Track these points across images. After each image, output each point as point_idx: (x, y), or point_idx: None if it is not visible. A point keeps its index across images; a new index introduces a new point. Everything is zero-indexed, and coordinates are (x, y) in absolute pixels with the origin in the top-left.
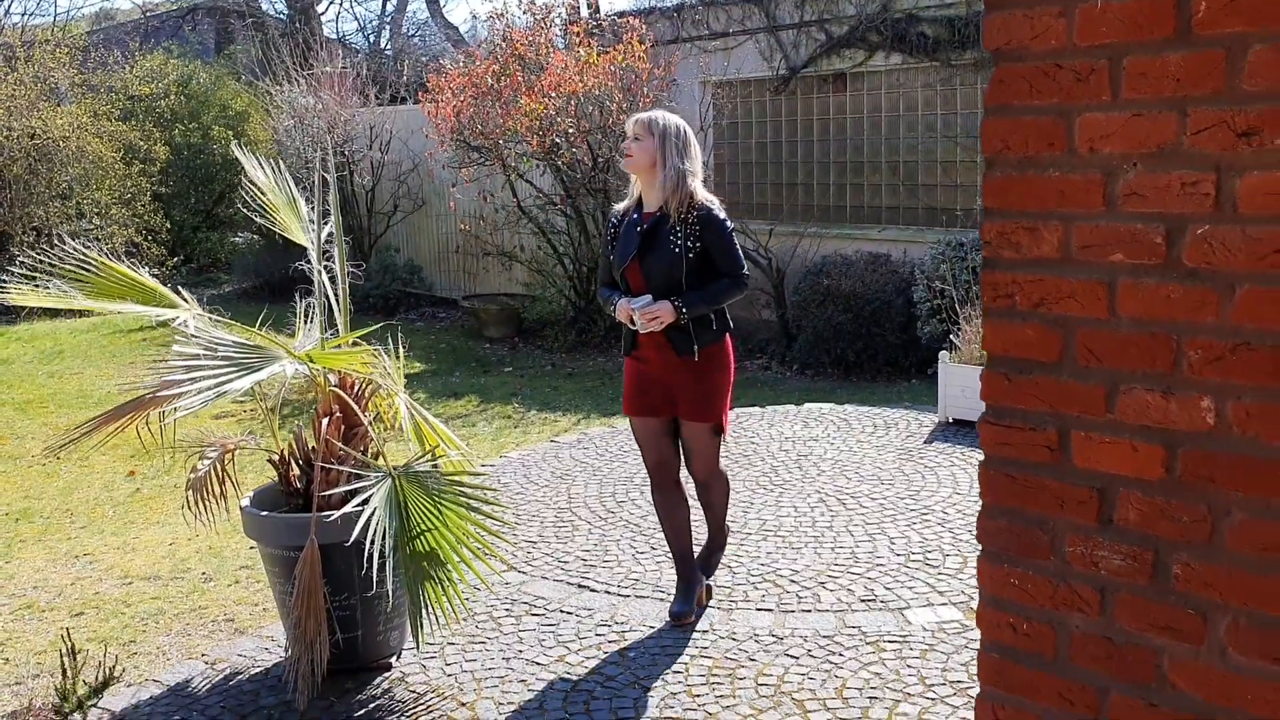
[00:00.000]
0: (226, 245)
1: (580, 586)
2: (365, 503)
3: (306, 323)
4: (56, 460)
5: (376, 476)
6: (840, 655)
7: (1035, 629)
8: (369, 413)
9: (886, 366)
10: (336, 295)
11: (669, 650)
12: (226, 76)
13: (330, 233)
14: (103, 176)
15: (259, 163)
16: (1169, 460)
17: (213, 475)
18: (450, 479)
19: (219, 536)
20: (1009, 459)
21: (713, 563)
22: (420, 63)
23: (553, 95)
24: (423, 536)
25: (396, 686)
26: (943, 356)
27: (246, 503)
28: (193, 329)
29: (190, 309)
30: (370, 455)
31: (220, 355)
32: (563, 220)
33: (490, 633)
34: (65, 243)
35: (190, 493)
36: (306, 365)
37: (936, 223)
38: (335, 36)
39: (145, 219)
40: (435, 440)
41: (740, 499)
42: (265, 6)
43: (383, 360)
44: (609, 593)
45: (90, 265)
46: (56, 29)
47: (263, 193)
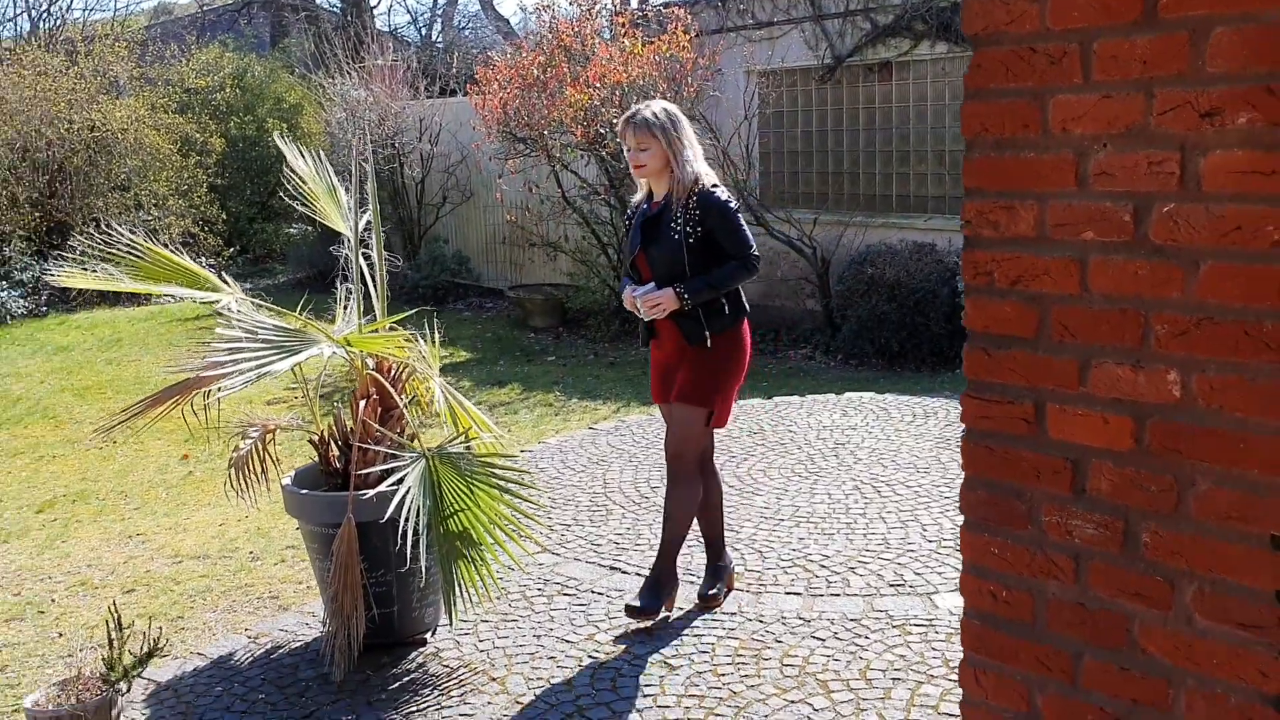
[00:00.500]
0: (281, 236)
1: (612, 569)
2: (400, 482)
3: (345, 308)
4: (113, 444)
5: (411, 457)
6: (866, 638)
7: (1014, 596)
8: (405, 396)
9: (931, 356)
10: (374, 282)
11: (697, 631)
12: (280, 70)
13: (369, 221)
14: (160, 168)
15: (300, 152)
16: (1138, 432)
17: (254, 454)
18: (482, 461)
19: (267, 518)
20: (988, 431)
21: (661, 595)
22: (470, 55)
23: (597, 86)
24: (456, 516)
25: (430, 661)
26: None
27: (288, 481)
28: (234, 312)
29: (233, 293)
30: (406, 437)
31: (261, 338)
32: (607, 210)
33: (522, 611)
34: (114, 229)
35: (232, 470)
36: (344, 349)
37: None
38: (387, 29)
39: (202, 210)
40: (468, 423)
41: (774, 486)
42: (319, 0)
43: (419, 345)
44: (640, 575)
45: (137, 250)
46: (116, 24)
47: (304, 181)
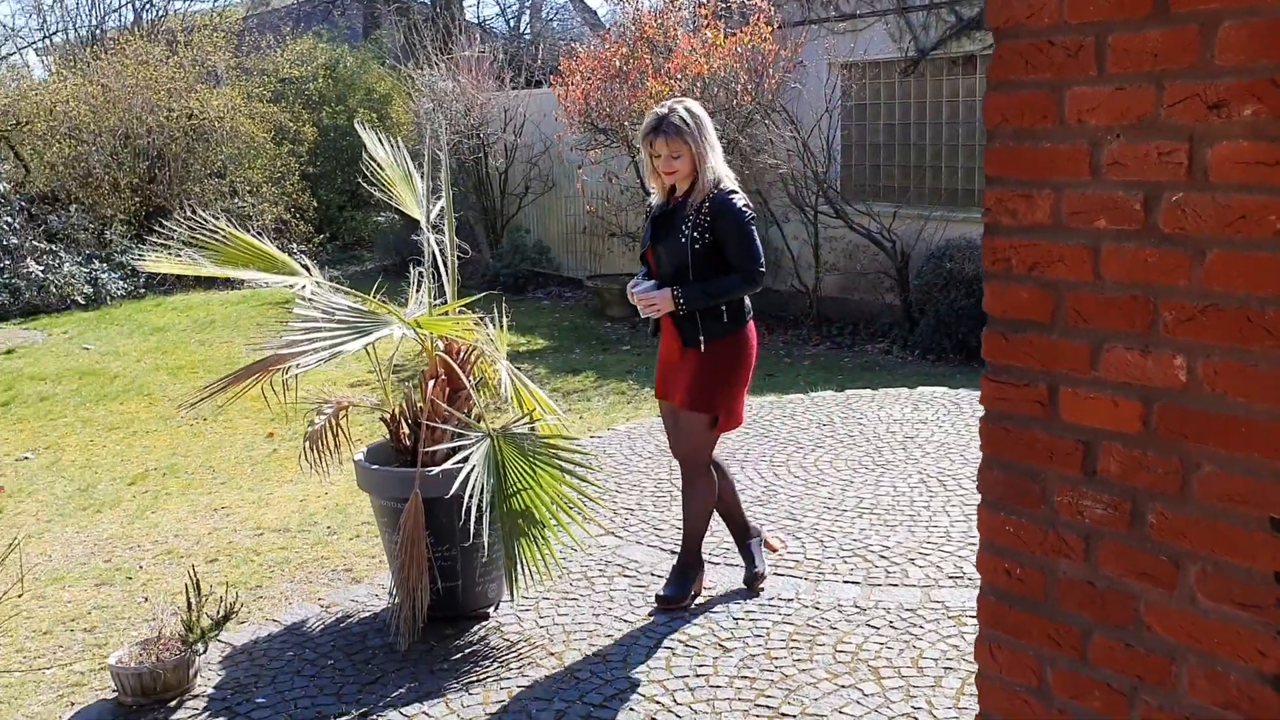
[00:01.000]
0: (369, 224)
1: (673, 553)
2: (465, 460)
3: (417, 291)
4: (203, 421)
5: (476, 436)
6: (921, 628)
7: (1028, 574)
8: (473, 377)
9: None
10: (446, 267)
11: (752, 616)
12: (372, 61)
13: (442, 208)
14: (254, 156)
15: (379, 140)
16: (1146, 415)
17: (327, 430)
18: (545, 442)
19: (345, 494)
20: (1005, 413)
21: (689, 582)
22: (557, 47)
23: (678, 77)
24: (519, 495)
25: (492, 635)
26: None
27: (360, 457)
28: (310, 295)
29: (311, 276)
30: (473, 417)
31: (336, 319)
32: None
33: (583, 591)
34: (199, 214)
35: (307, 444)
36: (414, 331)
37: None
38: (476, 21)
39: (293, 197)
40: (532, 405)
41: (840, 478)
42: None
43: (488, 329)
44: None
45: (220, 235)
46: (215, 15)
47: (382, 168)
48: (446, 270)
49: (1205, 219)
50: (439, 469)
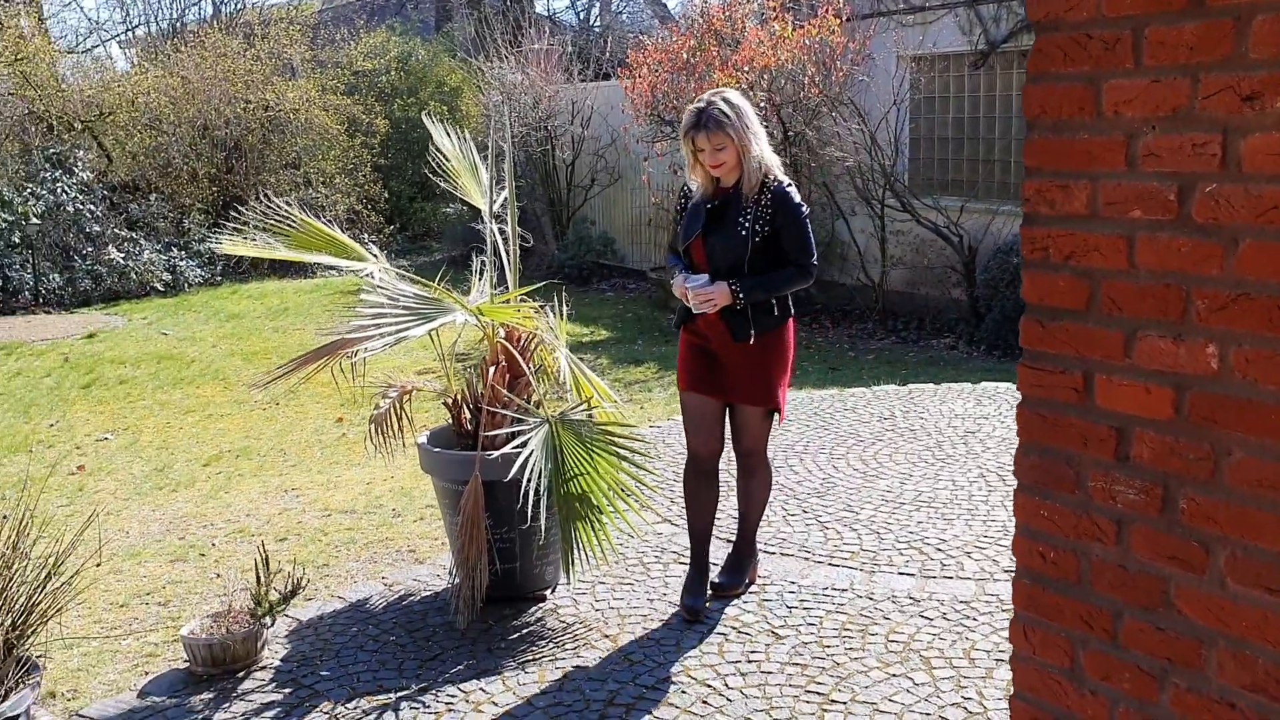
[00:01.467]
0: (439, 215)
1: (728, 542)
2: (524, 444)
3: (480, 279)
4: (275, 405)
5: (535, 422)
6: (974, 620)
7: (1061, 557)
8: (533, 364)
9: None
10: (508, 256)
11: (806, 604)
12: (443, 54)
13: (505, 198)
14: (328, 147)
15: (446, 131)
16: (1178, 402)
17: (392, 413)
18: (602, 429)
19: (410, 478)
20: (1042, 399)
21: (745, 570)
22: (625, 39)
23: (745, 70)
24: (576, 479)
25: (549, 616)
26: None
27: (423, 440)
28: (378, 280)
29: (378, 263)
30: (532, 403)
31: (402, 305)
32: None
33: (639, 576)
34: (272, 201)
35: (372, 426)
36: (476, 318)
37: None
38: (546, 14)
39: (365, 188)
40: (591, 393)
41: (899, 471)
42: None
43: (548, 317)
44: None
45: (292, 221)
46: (291, 8)
47: (448, 159)
48: (508, 259)
49: (1238, 209)
50: (498, 453)
